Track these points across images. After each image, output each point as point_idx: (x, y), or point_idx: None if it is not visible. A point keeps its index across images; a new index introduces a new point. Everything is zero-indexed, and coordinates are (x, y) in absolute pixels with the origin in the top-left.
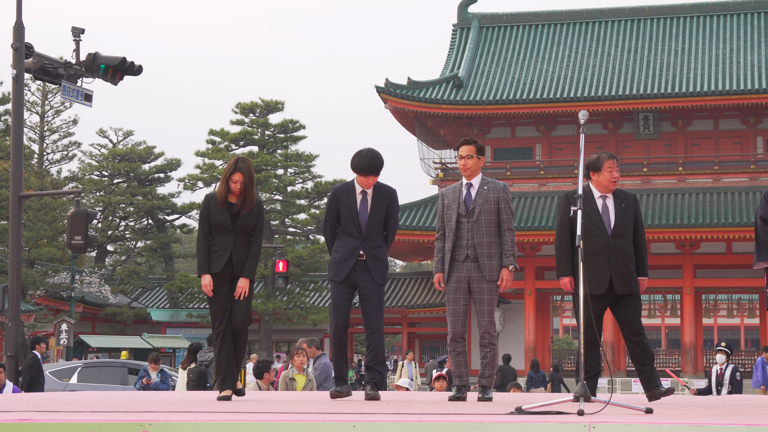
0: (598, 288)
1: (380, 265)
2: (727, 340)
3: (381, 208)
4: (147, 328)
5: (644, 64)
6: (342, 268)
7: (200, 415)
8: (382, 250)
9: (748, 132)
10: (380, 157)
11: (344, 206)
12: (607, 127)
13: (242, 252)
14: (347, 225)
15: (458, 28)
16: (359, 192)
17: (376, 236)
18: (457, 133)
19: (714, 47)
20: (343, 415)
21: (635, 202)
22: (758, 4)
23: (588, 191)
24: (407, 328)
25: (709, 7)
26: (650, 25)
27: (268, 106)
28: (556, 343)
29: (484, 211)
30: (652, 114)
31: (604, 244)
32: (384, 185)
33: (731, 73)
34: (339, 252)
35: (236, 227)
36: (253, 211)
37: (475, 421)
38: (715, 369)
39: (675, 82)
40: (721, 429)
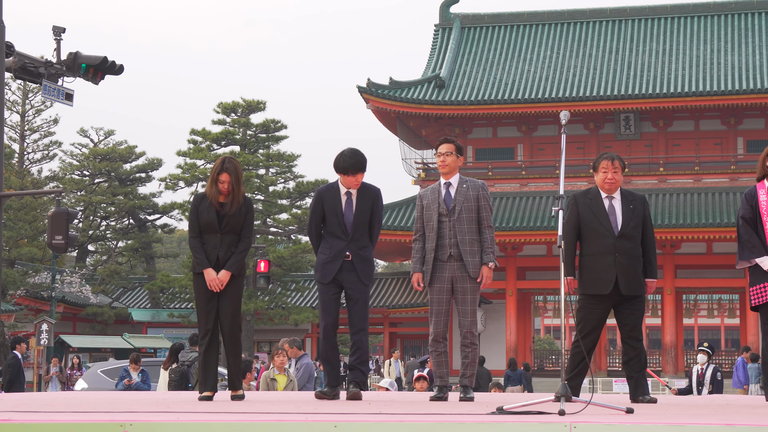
0: (603, 288)
1: (366, 265)
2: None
3: (366, 209)
4: (128, 328)
5: (625, 65)
6: (329, 269)
7: (181, 415)
8: (368, 251)
9: (728, 133)
10: (363, 155)
11: (329, 207)
12: (589, 127)
13: (230, 251)
14: (333, 226)
15: (440, 28)
16: (344, 193)
17: (362, 237)
18: (438, 133)
19: (695, 48)
20: (325, 415)
21: (644, 203)
22: (738, 5)
23: (596, 191)
24: (389, 328)
25: (690, 8)
26: (631, 25)
27: (250, 105)
28: (538, 343)
29: (465, 209)
30: (633, 114)
31: (610, 244)
32: (368, 185)
33: (712, 74)
34: (325, 253)
35: (223, 227)
36: (240, 210)
37: (457, 421)
38: (695, 369)
39: (656, 83)
40: (701, 429)
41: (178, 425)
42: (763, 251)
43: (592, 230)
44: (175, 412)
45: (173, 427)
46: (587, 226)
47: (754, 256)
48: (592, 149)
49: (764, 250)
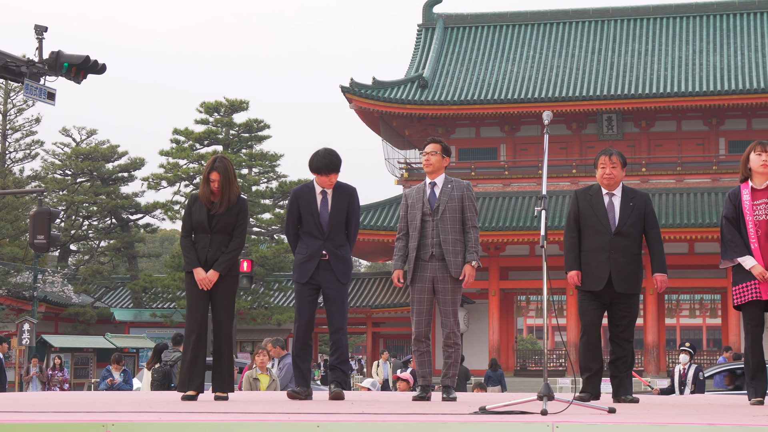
0: (596, 284)
1: (343, 264)
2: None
3: (342, 208)
4: (110, 328)
5: (608, 65)
6: (306, 269)
7: (163, 415)
8: (344, 250)
9: (710, 133)
10: (337, 154)
11: (305, 207)
12: (571, 127)
13: (220, 251)
14: (309, 226)
15: (423, 28)
16: (319, 192)
17: (338, 236)
18: (422, 133)
19: (677, 49)
20: (307, 415)
21: (645, 200)
22: (720, 6)
23: (597, 188)
24: (371, 328)
25: (672, 9)
26: (614, 26)
27: (233, 105)
28: (520, 343)
29: (449, 209)
30: (616, 115)
31: (606, 240)
32: (344, 184)
33: (694, 75)
34: (302, 253)
35: (213, 226)
36: (232, 210)
37: (440, 420)
38: (678, 369)
39: (638, 83)
40: (683, 428)
41: (161, 425)
42: (745, 251)
43: (589, 226)
44: (157, 412)
45: (155, 427)
46: (585, 222)
47: (737, 256)
48: (575, 150)
49: (746, 249)
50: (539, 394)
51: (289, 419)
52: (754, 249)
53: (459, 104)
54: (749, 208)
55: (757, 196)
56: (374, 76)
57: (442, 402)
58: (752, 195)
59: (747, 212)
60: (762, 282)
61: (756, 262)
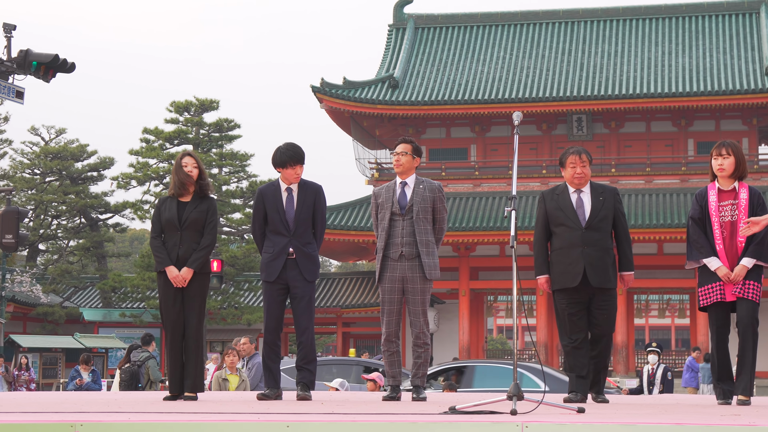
0: (571, 281)
1: (311, 262)
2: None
3: (308, 204)
4: (79, 328)
5: (578, 66)
6: (273, 267)
7: (132, 415)
8: (311, 247)
9: (679, 134)
10: (300, 147)
11: (270, 205)
12: (541, 128)
13: (191, 248)
14: (275, 223)
15: (394, 28)
16: (284, 189)
17: (305, 233)
18: (392, 133)
19: (647, 50)
20: (277, 415)
21: (614, 194)
22: (690, 8)
23: (563, 187)
24: (342, 328)
25: (642, 11)
26: (584, 27)
27: (203, 105)
28: (490, 343)
29: (422, 210)
30: (586, 116)
31: (577, 236)
32: (309, 181)
33: (664, 76)
34: (269, 252)
35: (183, 223)
36: (201, 206)
37: (409, 420)
38: (646, 369)
39: (608, 84)
40: (651, 428)
41: (129, 425)
42: (711, 252)
43: (559, 224)
44: (125, 413)
45: (124, 428)
46: (555, 222)
47: (702, 257)
48: (545, 150)
49: (712, 250)
50: (509, 394)
51: (258, 419)
52: (720, 250)
53: (429, 104)
54: (715, 209)
55: (723, 197)
56: (345, 76)
57: (411, 402)
58: (718, 196)
59: (713, 213)
60: (726, 284)
61: (721, 264)
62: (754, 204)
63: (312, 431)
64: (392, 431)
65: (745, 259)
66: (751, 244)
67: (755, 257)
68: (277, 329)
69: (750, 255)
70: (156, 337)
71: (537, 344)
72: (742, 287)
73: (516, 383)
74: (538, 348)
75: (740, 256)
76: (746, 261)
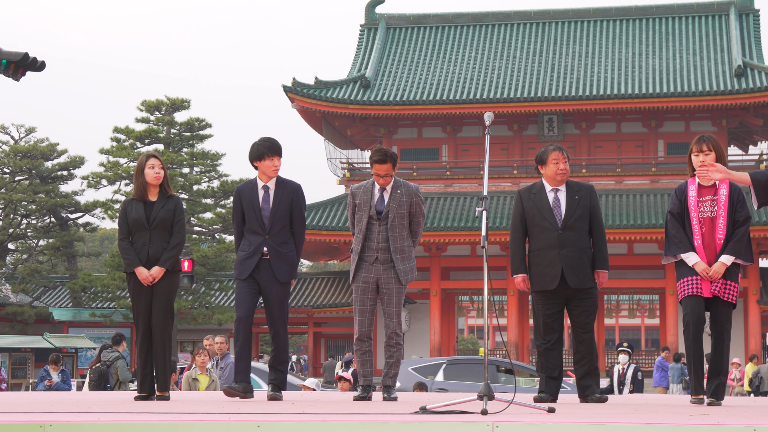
0: (549, 283)
1: (285, 262)
2: (628, 340)
3: (285, 203)
4: (49, 328)
5: (549, 67)
6: (246, 265)
7: (102, 415)
8: (287, 247)
9: (649, 135)
10: (276, 140)
11: (247, 203)
12: (513, 129)
13: (161, 247)
14: (251, 222)
15: (366, 28)
16: (261, 187)
17: (281, 232)
18: (364, 133)
19: (617, 51)
20: (248, 415)
21: (590, 192)
22: (660, 9)
23: (540, 186)
24: (313, 327)
25: (613, 12)
26: (555, 28)
27: (174, 104)
28: (461, 343)
29: (398, 216)
30: (557, 116)
31: (554, 237)
32: (287, 180)
33: (634, 77)
34: (244, 250)
35: (151, 222)
36: (168, 205)
37: (380, 420)
38: (617, 368)
39: (579, 85)
40: (621, 427)
41: (99, 425)
42: (689, 247)
43: (536, 225)
44: (95, 413)
45: (93, 428)
46: (532, 221)
47: (680, 252)
48: (516, 150)
49: (690, 246)
50: (479, 394)
51: (229, 419)
52: (698, 246)
53: (401, 104)
54: (695, 204)
55: (703, 193)
56: (317, 76)
57: (383, 402)
58: (698, 191)
59: (692, 208)
60: (704, 279)
61: (699, 259)
62: (734, 200)
63: (283, 431)
64: (363, 431)
65: (724, 257)
66: (729, 242)
67: (734, 255)
68: (248, 320)
69: (729, 252)
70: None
71: (508, 344)
72: (722, 287)
73: (487, 383)
74: (508, 348)
75: (719, 253)
76: (725, 258)
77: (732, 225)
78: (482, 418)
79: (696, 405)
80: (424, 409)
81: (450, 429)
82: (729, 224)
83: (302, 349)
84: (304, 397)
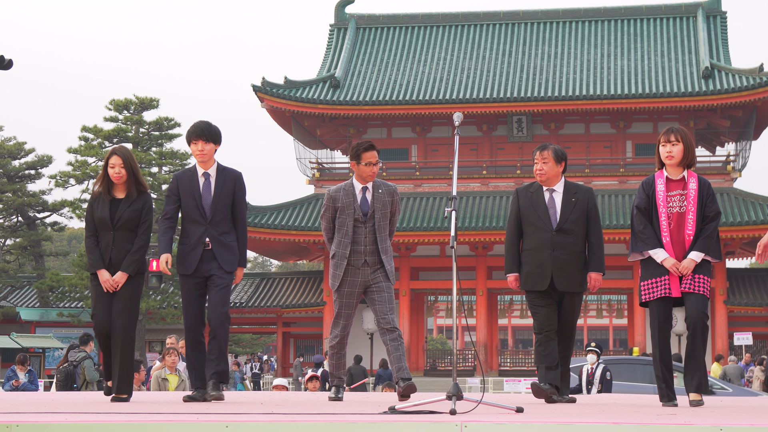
0: (539, 284)
1: (229, 252)
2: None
3: (226, 191)
4: (16, 328)
5: (518, 68)
6: (190, 259)
7: (69, 416)
8: (229, 237)
9: (617, 136)
10: (208, 123)
11: (186, 190)
12: (482, 129)
13: (125, 249)
14: (190, 210)
15: (335, 28)
16: (201, 174)
17: (223, 221)
18: (333, 133)
19: (586, 52)
20: (216, 415)
21: (589, 195)
22: (628, 11)
23: (538, 185)
24: (282, 327)
25: (582, 13)
26: (524, 29)
27: (143, 103)
28: (430, 342)
29: (383, 216)
30: (526, 117)
31: (547, 238)
32: (228, 168)
33: (602, 78)
34: (185, 243)
35: (116, 222)
36: (135, 204)
37: (349, 420)
38: (585, 368)
39: (548, 86)
40: (589, 427)
41: (66, 426)
42: (657, 243)
43: (530, 224)
44: (63, 413)
45: (60, 428)
46: (527, 220)
47: (647, 248)
48: (485, 151)
49: (658, 242)
50: (448, 394)
51: (197, 419)
52: (666, 242)
53: (371, 105)
54: (663, 199)
55: (672, 187)
56: (286, 76)
57: (352, 402)
58: (666, 185)
59: (660, 203)
60: (673, 277)
61: (668, 255)
62: (704, 195)
63: (251, 431)
64: (332, 431)
65: (694, 253)
66: (699, 238)
67: (704, 251)
68: (199, 326)
69: (698, 249)
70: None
71: (476, 344)
72: (692, 281)
73: (455, 383)
74: (477, 348)
75: (688, 250)
76: (695, 255)
77: (701, 221)
78: (451, 418)
79: (670, 407)
80: (393, 409)
81: (419, 429)
82: (698, 220)
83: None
84: (273, 396)
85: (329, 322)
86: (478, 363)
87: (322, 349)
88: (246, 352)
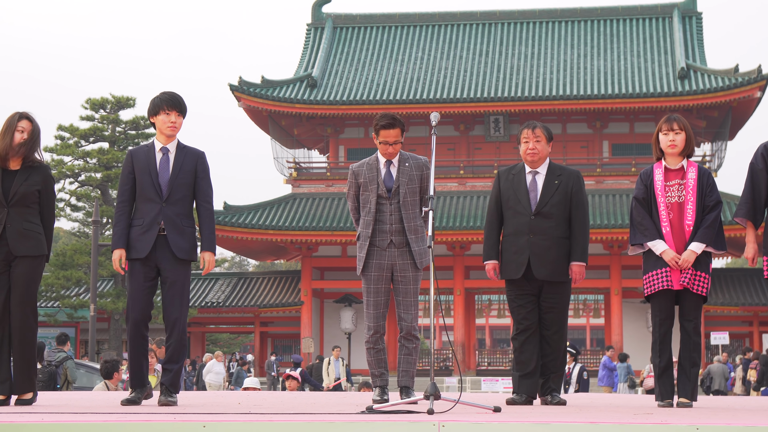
0: (515, 272)
1: (183, 239)
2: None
3: (187, 170)
4: None
5: (495, 68)
6: (143, 242)
7: (46, 416)
8: (187, 221)
9: (594, 136)
10: (178, 94)
11: (141, 166)
12: (459, 129)
13: (21, 227)
14: (145, 188)
15: (312, 27)
16: (159, 149)
17: (181, 202)
18: (310, 132)
19: (563, 52)
20: (193, 415)
21: (574, 178)
22: (604, 11)
23: (521, 167)
24: (259, 327)
25: (558, 14)
26: (501, 29)
27: (119, 102)
28: None
29: (409, 192)
30: (503, 117)
31: (525, 222)
32: (190, 146)
33: (579, 78)
34: (138, 224)
35: (10, 198)
36: (33, 177)
37: (326, 420)
38: None
39: (524, 86)
40: (565, 427)
41: (42, 426)
42: (656, 234)
43: (509, 208)
44: (39, 413)
45: (38, 428)
46: (506, 203)
47: (647, 240)
48: (462, 151)
49: (657, 233)
50: (426, 394)
51: (174, 419)
52: (666, 233)
53: (348, 104)
54: (661, 188)
55: (670, 177)
56: (263, 75)
57: (329, 402)
58: (665, 175)
59: (659, 193)
60: (673, 269)
61: (667, 247)
62: (703, 184)
63: (228, 431)
64: (309, 431)
65: (695, 244)
66: (699, 228)
67: (704, 242)
68: (145, 321)
69: (699, 240)
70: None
71: (454, 344)
72: (692, 278)
73: (433, 383)
74: (455, 348)
75: (688, 241)
76: (695, 246)
77: (702, 210)
78: (428, 418)
79: (665, 408)
80: (371, 408)
81: (396, 429)
82: (698, 210)
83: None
84: (251, 396)
85: (307, 322)
86: (455, 363)
87: (299, 349)
88: (225, 352)
